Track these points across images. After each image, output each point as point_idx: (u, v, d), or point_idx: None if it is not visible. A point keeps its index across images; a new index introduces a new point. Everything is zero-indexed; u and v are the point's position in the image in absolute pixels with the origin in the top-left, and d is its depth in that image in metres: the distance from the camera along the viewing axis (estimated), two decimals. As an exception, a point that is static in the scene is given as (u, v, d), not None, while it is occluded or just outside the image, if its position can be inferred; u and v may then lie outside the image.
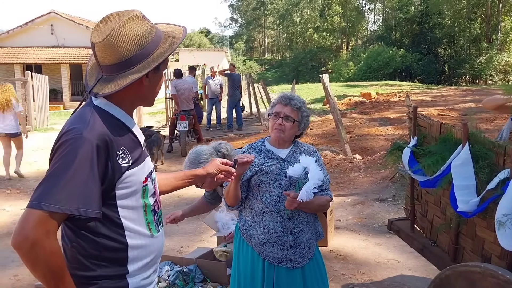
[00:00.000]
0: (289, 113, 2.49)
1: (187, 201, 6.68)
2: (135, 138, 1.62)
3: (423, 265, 4.18)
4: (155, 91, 1.65)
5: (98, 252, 1.50)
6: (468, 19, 42.97)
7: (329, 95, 8.84)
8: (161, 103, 17.24)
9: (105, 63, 1.54)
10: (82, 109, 1.56)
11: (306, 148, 2.63)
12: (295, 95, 2.58)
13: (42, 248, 1.34)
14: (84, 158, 1.39)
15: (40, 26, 24.92)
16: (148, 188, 1.62)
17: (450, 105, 15.53)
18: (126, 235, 1.55)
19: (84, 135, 1.41)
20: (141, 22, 1.55)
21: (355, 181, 7.45)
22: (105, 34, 1.50)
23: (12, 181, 8.08)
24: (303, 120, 2.55)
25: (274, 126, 2.51)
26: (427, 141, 2.91)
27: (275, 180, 2.46)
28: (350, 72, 44.23)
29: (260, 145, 2.59)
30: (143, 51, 1.53)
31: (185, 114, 10.32)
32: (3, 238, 5.30)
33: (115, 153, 1.48)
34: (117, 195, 1.51)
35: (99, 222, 1.49)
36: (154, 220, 1.66)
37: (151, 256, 1.64)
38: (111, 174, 1.47)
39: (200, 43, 70.35)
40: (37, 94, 14.89)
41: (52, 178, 1.38)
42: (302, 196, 2.28)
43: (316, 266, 2.58)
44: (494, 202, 2.18)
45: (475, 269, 2.15)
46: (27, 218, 1.34)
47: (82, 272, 1.50)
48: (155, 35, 1.57)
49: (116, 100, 1.57)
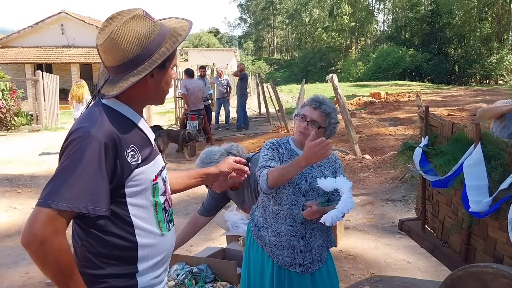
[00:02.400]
0: (317, 118, 2.40)
1: (196, 200, 6.69)
2: (145, 136, 1.61)
3: (434, 266, 4.16)
4: (162, 89, 1.63)
5: (107, 250, 1.50)
6: (478, 19, 42.66)
7: (338, 95, 8.81)
8: (171, 102, 17.29)
9: (108, 65, 1.54)
10: (90, 108, 1.57)
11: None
12: (326, 100, 2.48)
13: (51, 246, 1.34)
14: (92, 156, 1.39)
15: (51, 26, 25.10)
16: (159, 186, 1.61)
17: (460, 105, 15.43)
18: (136, 234, 1.54)
19: (92, 133, 1.42)
20: (142, 21, 1.52)
21: (365, 181, 7.42)
22: (106, 36, 1.49)
23: (23, 179, 8.16)
24: (330, 127, 2.44)
25: (298, 129, 2.43)
26: (438, 141, 2.89)
27: (295, 183, 2.38)
28: (359, 72, 44.11)
29: (286, 143, 2.52)
30: (145, 51, 1.50)
31: (195, 114, 10.35)
32: (14, 236, 5.34)
33: (124, 151, 1.47)
34: (126, 193, 1.51)
35: (109, 220, 1.49)
36: (164, 218, 1.65)
37: (161, 255, 1.63)
38: (120, 172, 1.47)
39: (209, 43, 70.60)
40: (47, 94, 15.03)
41: (60, 176, 1.38)
42: (326, 220, 2.21)
43: (326, 274, 2.52)
44: (506, 203, 2.16)
45: (487, 269, 2.13)
46: (36, 216, 1.35)
47: (91, 270, 1.50)
48: (158, 34, 1.53)
49: (124, 99, 1.56)
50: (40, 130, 14.29)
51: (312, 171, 2.42)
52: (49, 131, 14.41)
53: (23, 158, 9.94)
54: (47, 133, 14.00)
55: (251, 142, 11.15)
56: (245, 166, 2.02)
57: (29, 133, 13.93)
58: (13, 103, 14.22)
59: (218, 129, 14.07)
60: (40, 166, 9.20)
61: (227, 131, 13.84)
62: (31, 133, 13.93)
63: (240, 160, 2.02)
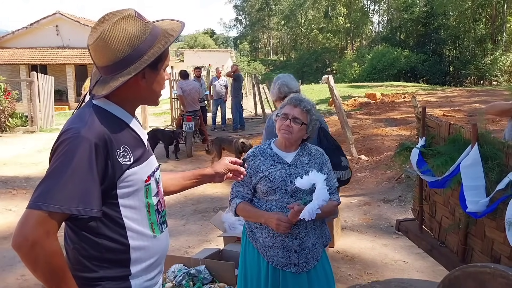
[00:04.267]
0: (298, 115, 2.46)
1: (192, 201, 6.69)
2: (137, 136, 1.60)
3: (430, 266, 4.17)
4: (155, 91, 1.61)
5: (99, 253, 1.49)
6: (473, 20, 42.79)
7: (334, 95, 8.83)
8: (167, 103, 17.26)
9: (99, 65, 1.53)
10: (81, 109, 1.55)
11: (314, 151, 2.59)
12: (305, 98, 2.56)
13: (42, 248, 1.33)
14: (83, 157, 1.38)
15: (46, 27, 25.02)
16: (151, 187, 1.60)
17: (455, 106, 15.46)
18: (128, 236, 1.53)
19: (82, 134, 1.40)
20: (133, 22, 1.51)
21: (361, 182, 7.44)
22: (97, 36, 1.48)
23: (18, 181, 8.12)
24: (312, 123, 2.51)
25: (281, 127, 2.48)
26: (435, 142, 2.90)
27: (281, 186, 2.43)
28: (354, 73, 44.14)
29: (267, 148, 2.56)
30: (136, 51, 1.49)
31: (191, 115, 10.34)
32: (9, 238, 5.28)
33: (115, 152, 1.46)
34: (118, 194, 1.50)
35: (101, 222, 1.48)
36: (157, 220, 1.64)
37: (154, 257, 1.62)
38: (111, 173, 1.46)
39: (205, 44, 70.58)
40: (42, 95, 14.95)
41: (51, 178, 1.37)
42: (304, 215, 2.24)
43: (322, 271, 2.54)
44: (503, 203, 2.17)
45: (484, 269, 2.14)
46: (26, 218, 1.33)
47: (84, 273, 1.48)
48: (149, 34, 1.52)
49: (117, 99, 1.55)
50: (35, 131, 14.23)
51: (297, 170, 2.45)
52: (44, 132, 14.35)
53: (18, 160, 9.90)
54: (42, 134, 13.93)
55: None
56: (241, 167, 2.02)
57: (24, 134, 13.86)
58: (8, 105, 14.15)
59: (214, 130, 14.07)
60: (35, 168, 9.16)
61: (223, 132, 13.83)
62: (26, 134, 13.86)
63: (236, 161, 2.02)
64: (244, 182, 2.51)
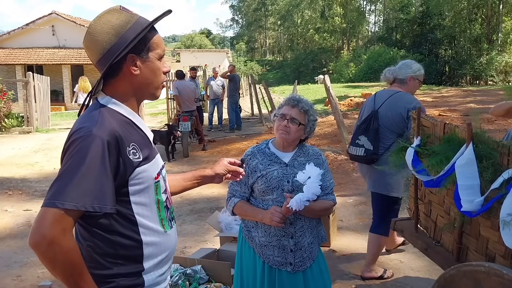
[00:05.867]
0: (296, 115, 2.47)
1: (189, 202, 6.69)
2: (144, 135, 1.63)
3: (426, 265, 4.18)
4: (150, 80, 1.61)
5: (113, 250, 1.51)
6: (468, 20, 42.95)
7: (331, 95, 8.84)
8: (163, 103, 17.23)
9: (94, 62, 1.57)
10: (89, 109, 1.58)
11: (311, 151, 2.60)
12: (303, 98, 2.56)
13: (60, 246, 1.33)
14: (96, 155, 1.39)
15: (41, 27, 24.99)
16: (160, 185, 1.63)
17: (451, 106, 15.52)
18: (140, 232, 1.55)
19: (94, 132, 1.42)
20: (118, 14, 1.55)
21: (357, 182, 7.45)
22: (85, 33, 1.54)
23: (14, 182, 8.10)
24: (309, 124, 2.52)
25: (279, 128, 2.49)
26: (430, 141, 2.91)
27: (278, 186, 2.45)
28: (351, 73, 44.23)
29: (264, 148, 2.58)
30: (122, 39, 1.52)
31: (188, 115, 10.35)
32: (5, 239, 5.29)
33: (125, 149, 1.48)
34: (130, 191, 1.52)
35: (113, 219, 1.49)
36: (167, 216, 1.67)
37: (165, 253, 1.64)
38: (123, 170, 1.47)
39: (201, 44, 70.60)
40: (38, 95, 14.92)
41: (65, 176, 1.38)
42: (292, 204, 2.25)
43: (318, 271, 2.55)
44: (498, 202, 2.18)
45: (479, 268, 2.14)
46: (43, 216, 1.34)
47: (98, 271, 1.50)
48: (135, 23, 1.55)
49: (119, 97, 1.57)
50: (31, 132, 14.19)
51: (294, 170, 2.46)
52: (40, 132, 14.32)
53: (14, 160, 9.87)
54: (38, 134, 13.90)
55: (244, 143, 11.15)
56: (240, 168, 2.04)
57: (20, 135, 13.83)
58: (4, 105, 14.14)
59: (211, 130, 14.07)
60: (31, 168, 9.14)
61: (219, 132, 13.84)
62: (22, 135, 13.83)
63: (235, 162, 2.04)
64: (241, 181, 2.51)
